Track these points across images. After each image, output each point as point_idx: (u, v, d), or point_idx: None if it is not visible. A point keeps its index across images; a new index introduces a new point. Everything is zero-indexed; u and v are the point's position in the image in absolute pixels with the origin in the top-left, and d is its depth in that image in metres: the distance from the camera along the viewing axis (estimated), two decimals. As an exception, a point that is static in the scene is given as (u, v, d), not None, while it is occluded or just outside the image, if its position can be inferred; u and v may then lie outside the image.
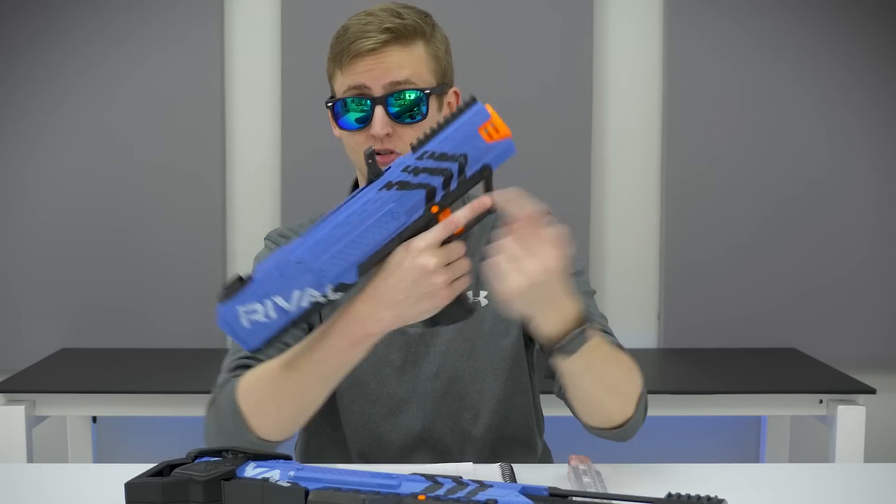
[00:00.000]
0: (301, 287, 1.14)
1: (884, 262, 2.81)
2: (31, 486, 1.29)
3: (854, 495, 1.26)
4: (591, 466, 1.27)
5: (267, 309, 1.15)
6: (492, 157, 1.14)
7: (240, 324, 1.15)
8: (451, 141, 1.13)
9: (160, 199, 2.76)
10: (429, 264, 1.13)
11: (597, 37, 2.81)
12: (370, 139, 1.39)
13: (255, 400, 1.26)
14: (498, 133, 1.13)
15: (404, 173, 1.13)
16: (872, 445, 2.50)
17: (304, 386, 1.24)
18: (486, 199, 1.14)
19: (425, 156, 1.13)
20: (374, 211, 1.14)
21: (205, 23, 2.75)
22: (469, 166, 1.14)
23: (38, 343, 2.74)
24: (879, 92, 2.79)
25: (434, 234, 1.14)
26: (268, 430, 1.27)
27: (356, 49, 1.38)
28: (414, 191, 1.14)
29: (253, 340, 1.16)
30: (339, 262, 1.14)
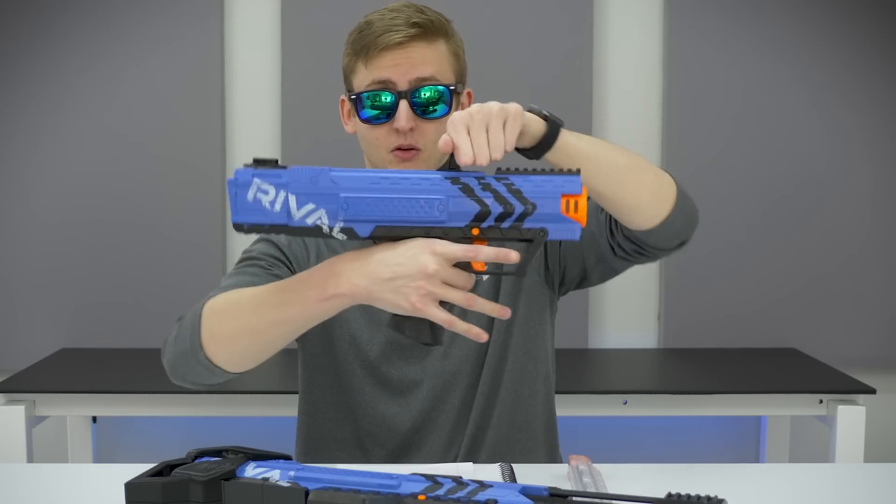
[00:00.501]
0: (318, 204, 1.13)
1: (884, 262, 2.81)
2: (31, 486, 1.29)
3: (854, 495, 1.26)
4: (591, 466, 1.27)
5: (276, 198, 1.13)
6: (555, 227, 1.12)
7: (245, 192, 1.13)
8: (534, 187, 1.12)
9: (160, 198, 2.76)
10: (429, 267, 1.12)
11: (597, 36, 2.81)
12: (392, 133, 1.39)
13: (216, 320, 1.25)
14: (575, 213, 1.12)
15: (475, 181, 1.12)
16: (872, 445, 2.50)
17: (262, 321, 1.22)
18: (514, 255, 1.12)
19: (502, 181, 1.12)
20: (426, 190, 1.12)
21: (205, 22, 2.75)
22: (531, 219, 1.12)
23: (38, 343, 2.74)
24: (880, 91, 2.79)
25: (455, 248, 1.12)
26: (217, 354, 1.26)
27: (384, 42, 1.38)
28: (471, 200, 1.12)
29: (243, 216, 1.14)
30: (365, 208, 1.12)
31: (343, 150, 2.71)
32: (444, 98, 1.40)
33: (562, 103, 2.75)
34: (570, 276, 1.53)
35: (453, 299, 1.14)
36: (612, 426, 2.76)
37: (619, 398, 2.35)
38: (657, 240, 1.34)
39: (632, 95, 2.83)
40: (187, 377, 1.30)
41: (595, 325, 2.85)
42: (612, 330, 2.87)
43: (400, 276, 1.13)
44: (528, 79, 2.76)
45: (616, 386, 2.42)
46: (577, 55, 2.77)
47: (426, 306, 1.13)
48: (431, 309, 1.13)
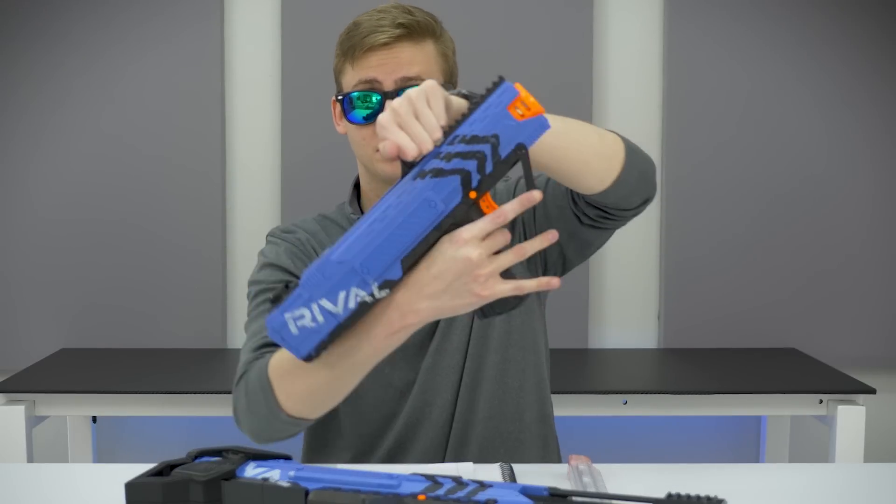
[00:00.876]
0: (346, 287, 1.12)
1: (884, 262, 2.81)
2: (31, 486, 1.29)
3: (854, 495, 1.26)
4: (591, 466, 1.27)
5: (314, 313, 1.12)
6: (525, 135, 1.10)
7: (289, 331, 1.13)
8: (481, 122, 1.10)
9: (160, 198, 2.76)
10: (472, 255, 1.10)
11: (597, 36, 2.81)
12: None
13: (287, 380, 1.25)
14: (529, 110, 1.10)
15: (436, 160, 1.10)
16: (872, 445, 2.50)
17: (335, 373, 1.22)
18: (537, 194, 1.11)
19: (456, 140, 1.10)
20: (410, 202, 1.10)
21: (205, 23, 2.75)
22: (502, 147, 1.10)
23: (38, 343, 2.74)
24: (881, 91, 2.79)
25: (480, 225, 1.11)
26: (298, 409, 1.27)
27: (369, 43, 1.39)
28: (448, 177, 1.10)
29: (303, 347, 1.14)
30: (380, 257, 1.11)
31: (343, 150, 2.71)
32: None
33: (562, 103, 2.75)
34: (552, 261, 1.52)
35: (508, 262, 1.13)
36: (612, 426, 2.76)
37: (619, 398, 2.35)
38: (616, 199, 1.32)
39: (632, 95, 2.83)
40: (274, 437, 1.31)
41: (595, 325, 2.85)
42: (612, 330, 2.87)
43: (453, 281, 1.12)
44: (527, 79, 2.73)
45: (616, 386, 2.42)
46: (577, 55, 2.77)
47: (491, 289, 1.12)
48: (497, 288, 1.13)
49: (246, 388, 1.31)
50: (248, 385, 1.30)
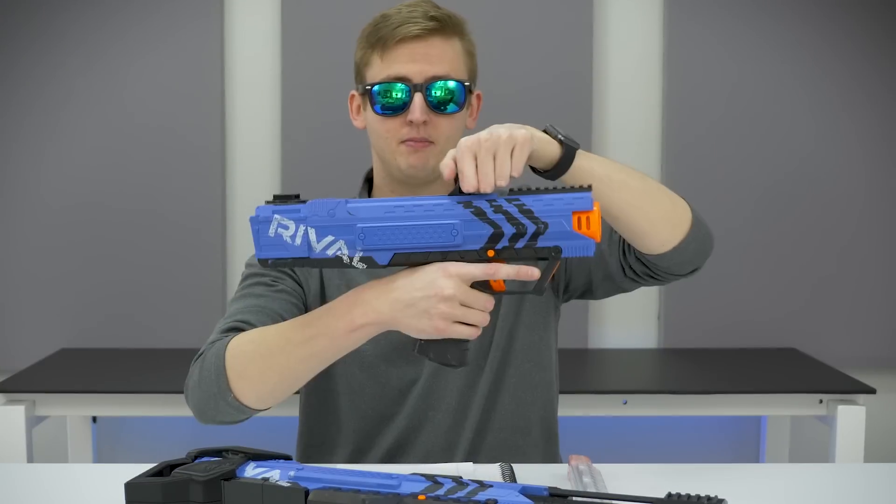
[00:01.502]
0: (336, 235, 1.15)
1: (884, 262, 2.81)
2: (31, 486, 1.29)
3: (854, 495, 1.26)
4: (591, 466, 1.27)
5: (297, 233, 1.16)
6: (569, 245, 1.13)
7: (267, 228, 1.16)
8: (544, 206, 1.13)
9: (160, 199, 2.76)
10: (445, 291, 1.13)
11: (597, 36, 2.81)
12: (405, 125, 1.40)
13: (242, 362, 1.26)
14: (588, 229, 1.13)
15: (486, 203, 1.14)
16: (872, 445, 2.50)
17: (292, 359, 1.23)
18: (535, 272, 1.14)
19: (513, 202, 1.13)
20: (440, 216, 1.14)
21: (205, 22, 2.75)
22: (544, 238, 1.13)
23: (38, 343, 2.74)
24: (880, 90, 2.79)
25: (471, 268, 1.14)
26: (247, 394, 1.27)
27: (401, 34, 1.39)
28: (484, 223, 1.14)
29: (266, 251, 1.17)
30: (382, 237, 1.14)
31: (343, 150, 2.72)
32: (459, 94, 1.41)
33: (562, 103, 2.76)
34: (575, 287, 1.54)
35: (472, 320, 1.16)
36: (612, 426, 2.76)
37: (619, 398, 2.35)
38: (668, 265, 1.36)
39: (632, 95, 2.83)
40: (216, 418, 1.31)
41: (595, 325, 2.85)
42: (612, 330, 2.87)
43: (420, 301, 1.15)
44: (528, 79, 2.76)
45: (616, 386, 2.42)
46: (577, 55, 2.77)
47: (447, 327, 1.15)
48: (453, 328, 1.16)
49: (202, 365, 1.31)
50: (205, 362, 1.31)
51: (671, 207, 1.31)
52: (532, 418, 1.53)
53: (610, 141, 2.83)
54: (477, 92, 1.50)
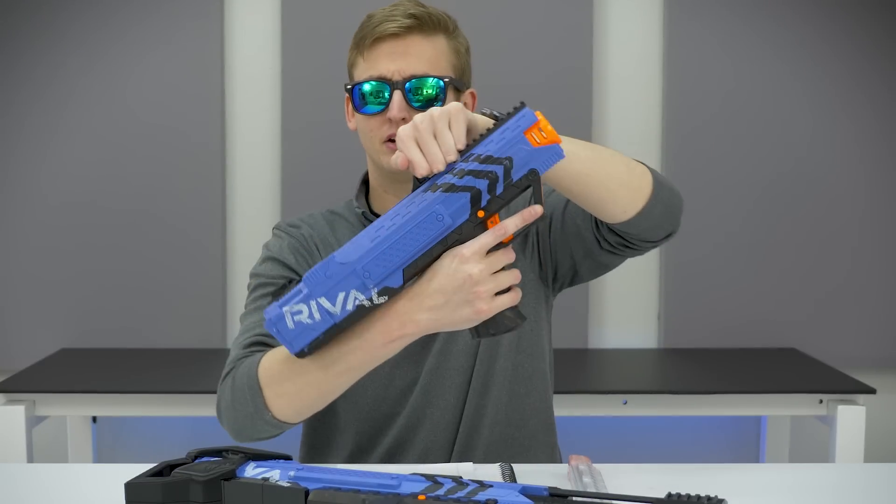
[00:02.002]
0: (346, 289, 1.14)
1: (884, 262, 2.81)
2: (31, 486, 1.29)
3: (854, 495, 1.26)
4: (591, 466, 1.27)
5: (311, 310, 1.14)
6: (539, 161, 1.13)
7: (285, 325, 1.15)
8: (497, 144, 1.12)
9: (160, 199, 2.76)
10: (473, 272, 1.13)
11: (597, 35, 2.81)
12: (386, 123, 1.40)
13: (277, 380, 1.26)
14: (546, 138, 1.13)
15: (449, 175, 1.13)
16: (872, 445, 2.50)
17: (328, 375, 1.23)
18: (538, 208, 1.14)
19: (470, 158, 1.13)
20: (419, 213, 1.13)
21: (205, 22, 2.75)
22: (515, 170, 1.13)
23: (38, 343, 2.74)
24: (881, 90, 2.79)
25: (482, 240, 1.14)
26: (284, 411, 1.27)
27: (379, 32, 1.40)
28: (459, 193, 1.13)
29: (298, 342, 1.16)
30: (383, 263, 1.13)
31: (343, 150, 2.72)
32: (439, 90, 1.40)
33: (562, 103, 2.76)
34: (562, 272, 1.53)
35: (508, 282, 1.15)
36: (612, 426, 2.76)
37: (619, 398, 2.35)
38: (638, 231, 1.34)
39: (632, 94, 2.83)
40: (254, 436, 1.31)
41: (595, 325, 2.85)
42: (612, 330, 2.87)
43: (453, 296, 1.14)
44: (528, 79, 2.76)
45: (616, 386, 2.42)
46: (577, 54, 2.77)
47: (491, 304, 1.15)
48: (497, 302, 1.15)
49: (233, 385, 1.31)
50: (236, 381, 1.30)
51: (627, 172, 1.29)
52: (527, 410, 1.53)
53: (610, 140, 2.83)
54: (470, 90, 1.50)
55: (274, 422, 1.28)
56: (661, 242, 1.39)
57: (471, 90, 1.50)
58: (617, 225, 1.33)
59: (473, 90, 1.50)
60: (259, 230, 2.81)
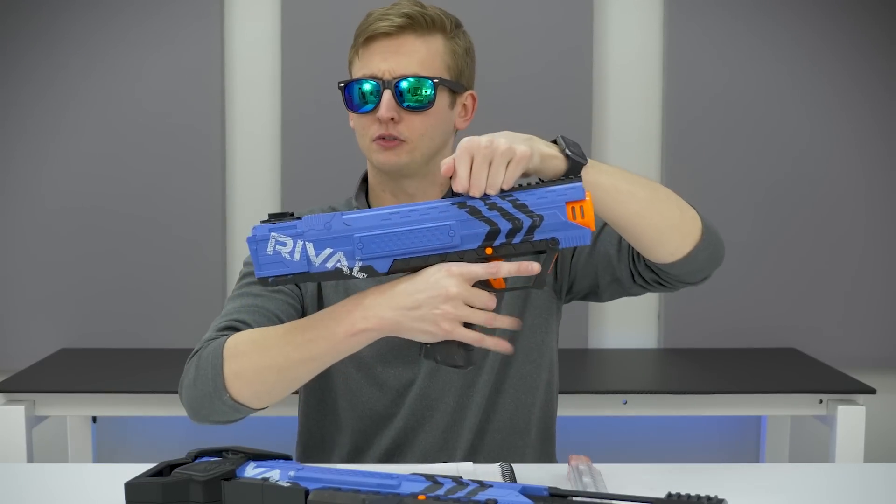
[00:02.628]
0: (335, 247, 1.16)
1: (884, 262, 2.81)
2: (31, 486, 1.29)
3: (854, 495, 1.26)
4: (591, 466, 1.27)
5: (295, 249, 1.17)
6: (565, 235, 1.15)
7: (265, 248, 1.17)
8: (537, 199, 1.14)
9: (160, 199, 2.76)
10: (450, 290, 1.14)
11: (597, 36, 2.81)
12: (376, 122, 1.40)
13: (240, 361, 1.26)
14: (582, 218, 1.14)
15: (480, 202, 1.15)
16: (872, 445, 2.50)
17: (290, 360, 1.24)
18: (535, 266, 1.15)
19: (507, 198, 1.15)
20: (436, 218, 1.15)
21: (205, 22, 2.75)
22: (540, 230, 1.14)
23: (38, 343, 2.74)
24: (880, 91, 2.79)
25: (473, 268, 1.15)
26: (244, 393, 1.27)
27: (372, 31, 1.40)
28: (480, 221, 1.15)
29: (266, 270, 1.18)
30: (379, 245, 1.15)
31: (343, 150, 2.71)
32: (429, 91, 1.39)
33: (562, 103, 2.76)
34: (579, 288, 1.54)
35: (476, 320, 1.17)
36: (612, 426, 2.76)
37: (619, 398, 2.35)
38: (678, 273, 1.36)
39: (632, 95, 2.83)
40: (210, 417, 1.31)
41: (595, 325, 2.85)
42: (612, 330, 2.87)
43: (424, 304, 1.16)
44: (528, 78, 2.76)
45: (616, 386, 2.42)
46: (577, 55, 2.77)
47: (454, 328, 1.16)
48: (459, 330, 1.16)
49: (198, 362, 1.31)
50: (201, 360, 1.30)
51: (680, 217, 1.31)
52: (531, 419, 1.53)
53: (610, 141, 2.83)
54: (470, 92, 1.49)
55: (231, 403, 1.27)
56: (696, 284, 1.41)
57: (470, 92, 1.49)
58: (660, 265, 1.34)
59: (473, 92, 1.50)
60: (259, 230, 2.81)
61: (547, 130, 2.93)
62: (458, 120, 1.48)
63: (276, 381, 1.26)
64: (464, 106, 1.48)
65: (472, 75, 1.50)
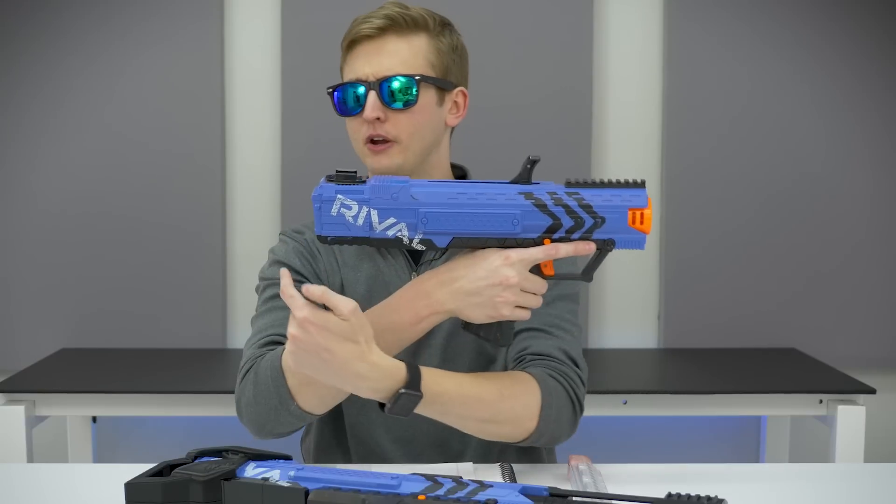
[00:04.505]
0: (399, 218, 1.20)
1: (884, 262, 2.81)
2: (31, 486, 1.29)
3: (854, 495, 1.26)
4: (591, 466, 1.27)
5: (359, 213, 1.20)
6: (623, 238, 1.20)
7: (329, 208, 1.20)
8: (603, 201, 1.18)
9: (160, 199, 2.76)
10: (511, 278, 1.18)
11: (597, 36, 2.81)
12: (365, 124, 1.42)
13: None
14: (641, 224, 1.19)
15: (547, 195, 1.19)
16: (872, 445, 2.50)
17: None
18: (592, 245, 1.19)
19: (573, 196, 1.18)
20: (501, 205, 1.19)
21: (205, 22, 2.75)
22: (600, 231, 1.19)
23: (38, 343, 2.74)
24: (881, 91, 2.79)
25: (532, 253, 1.19)
26: (309, 401, 1.29)
27: (355, 34, 1.42)
28: (544, 214, 1.18)
29: (327, 229, 1.20)
30: (444, 222, 1.19)
31: (343, 150, 2.71)
32: (410, 89, 1.40)
33: (562, 103, 2.76)
34: None
35: (530, 304, 1.22)
36: (612, 426, 2.76)
37: (619, 398, 2.35)
38: None
39: (632, 95, 2.83)
40: (275, 430, 1.33)
41: (595, 325, 2.85)
42: (612, 330, 2.87)
43: (485, 290, 1.20)
44: (527, 79, 2.76)
45: (616, 386, 2.41)
46: (577, 55, 2.77)
47: (512, 313, 1.21)
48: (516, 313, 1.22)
49: (255, 380, 1.31)
50: (258, 376, 1.31)
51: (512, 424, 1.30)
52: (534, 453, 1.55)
53: (610, 142, 2.83)
54: (460, 89, 1.49)
55: (298, 413, 1.29)
56: None
57: (461, 89, 1.49)
58: None
59: (464, 89, 1.50)
60: (259, 230, 2.81)
61: (547, 130, 2.94)
62: (449, 117, 1.49)
63: None
64: (454, 103, 1.49)
65: (463, 73, 1.50)
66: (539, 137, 2.75)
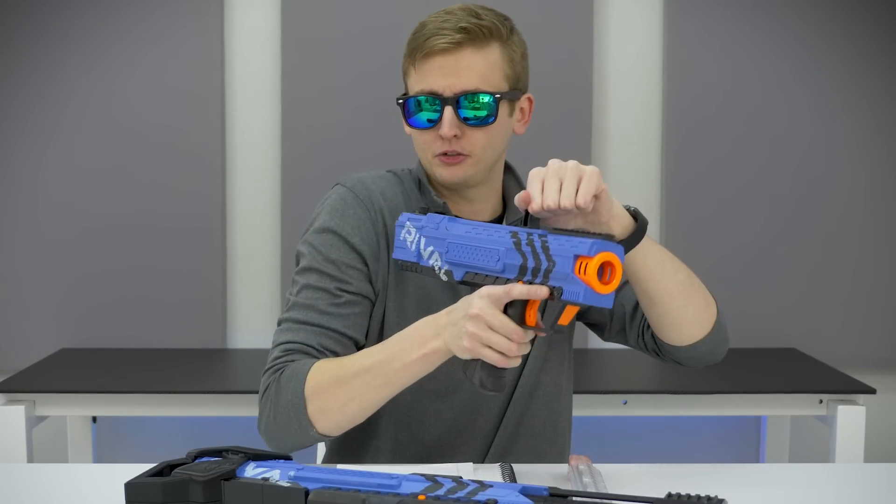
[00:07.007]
0: (435, 246, 1.27)
1: (884, 262, 2.81)
2: (31, 486, 1.29)
3: (854, 495, 1.26)
4: (591, 466, 1.27)
5: (413, 240, 1.30)
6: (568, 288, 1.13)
7: (400, 232, 1.32)
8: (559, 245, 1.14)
9: (160, 198, 2.76)
10: (471, 309, 1.18)
11: (597, 36, 2.81)
12: (438, 140, 1.39)
13: (323, 399, 1.31)
14: (584, 275, 1.12)
15: (524, 234, 1.19)
16: (872, 445, 2.50)
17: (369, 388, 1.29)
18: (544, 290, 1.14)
19: (541, 237, 1.17)
20: (489, 241, 1.21)
21: (205, 22, 2.75)
22: (553, 276, 1.15)
23: (38, 343, 2.74)
24: (880, 91, 2.79)
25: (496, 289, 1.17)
26: (328, 425, 1.32)
27: (429, 46, 1.37)
28: (517, 253, 1.18)
29: (397, 252, 1.32)
30: (458, 254, 1.24)
31: (343, 150, 2.72)
32: (491, 106, 1.38)
33: (562, 103, 2.75)
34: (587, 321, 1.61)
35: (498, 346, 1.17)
36: (612, 426, 2.76)
37: (619, 398, 2.35)
38: (677, 356, 1.43)
39: (632, 95, 2.83)
40: (294, 448, 1.36)
41: (595, 325, 2.85)
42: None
43: (459, 320, 1.20)
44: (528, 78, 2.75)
45: (616, 386, 2.41)
46: (577, 55, 2.77)
47: (474, 346, 1.18)
48: (480, 349, 1.18)
49: (276, 402, 1.33)
50: (279, 398, 1.33)
51: (704, 308, 1.39)
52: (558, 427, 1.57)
53: (610, 140, 2.83)
54: (527, 95, 1.48)
55: (317, 436, 1.33)
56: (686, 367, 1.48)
57: (527, 95, 1.48)
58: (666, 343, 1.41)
59: (530, 95, 1.49)
60: (259, 230, 2.81)
61: (547, 130, 2.94)
62: (517, 125, 1.47)
63: (358, 409, 1.32)
64: (521, 110, 1.47)
65: (528, 77, 1.50)
66: (539, 138, 2.74)
